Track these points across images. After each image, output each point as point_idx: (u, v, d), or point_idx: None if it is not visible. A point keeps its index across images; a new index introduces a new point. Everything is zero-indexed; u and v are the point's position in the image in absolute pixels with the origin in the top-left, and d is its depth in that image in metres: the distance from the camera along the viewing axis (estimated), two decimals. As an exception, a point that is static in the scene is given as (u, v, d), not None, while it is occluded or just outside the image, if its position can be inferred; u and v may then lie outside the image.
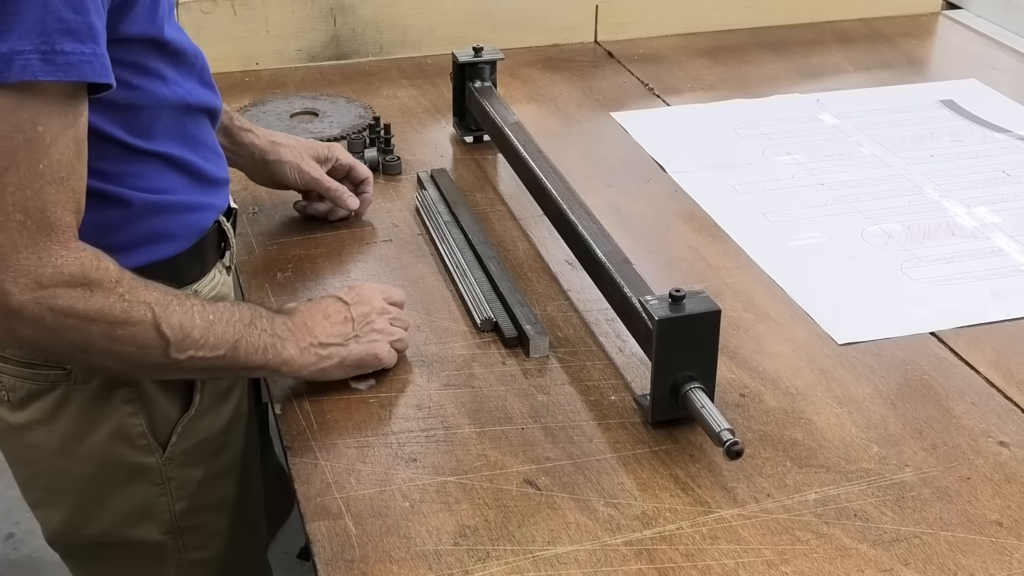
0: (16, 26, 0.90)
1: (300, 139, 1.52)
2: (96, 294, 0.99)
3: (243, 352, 1.09)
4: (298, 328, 1.14)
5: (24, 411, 1.16)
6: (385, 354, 1.19)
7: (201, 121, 1.17)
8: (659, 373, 1.12)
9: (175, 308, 1.04)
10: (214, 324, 1.06)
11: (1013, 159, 1.73)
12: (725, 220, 1.55)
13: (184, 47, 1.12)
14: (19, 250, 0.95)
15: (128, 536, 1.22)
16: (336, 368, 1.17)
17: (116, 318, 1.00)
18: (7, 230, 0.94)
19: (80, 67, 0.93)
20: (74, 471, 1.18)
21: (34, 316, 0.97)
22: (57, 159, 0.95)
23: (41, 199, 0.95)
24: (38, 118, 0.93)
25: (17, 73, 0.90)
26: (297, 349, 1.13)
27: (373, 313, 1.20)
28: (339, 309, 1.18)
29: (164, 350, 1.03)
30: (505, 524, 1.03)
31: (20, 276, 0.95)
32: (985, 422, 1.17)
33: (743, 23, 2.26)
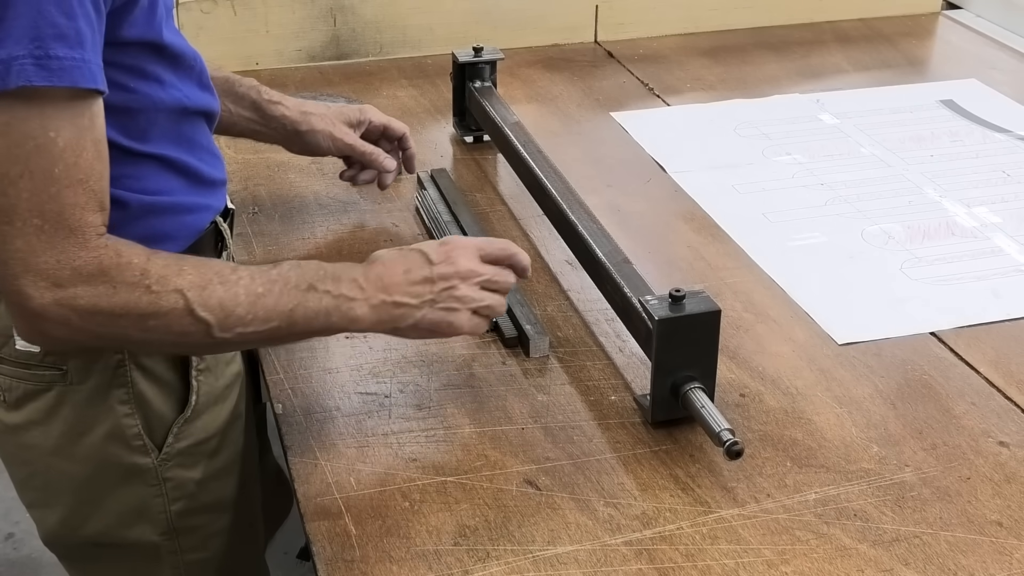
0: (12, 32, 0.91)
1: (331, 105, 1.52)
2: (120, 290, 0.98)
3: (301, 318, 1.05)
4: (371, 283, 1.09)
5: (20, 411, 1.16)
6: (463, 322, 1.11)
7: (198, 124, 1.17)
8: (659, 373, 1.12)
9: (214, 288, 1.02)
10: (263, 297, 1.03)
11: (1013, 159, 1.73)
12: (725, 220, 1.55)
13: (182, 50, 1.12)
14: (37, 254, 0.95)
15: (124, 537, 1.22)
16: (410, 329, 1.11)
17: (144, 310, 0.99)
18: (24, 235, 0.94)
19: (72, 72, 0.93)
20: (70, 471, 1.18)
21: (59, 318, 0.97)
22: (74, 162, 0.95)
23: (58, 203, 0.95)
24: (48, 123, 0.93)
25: (14, 79, 0.91)
26: (367, 307, 1.08)
27: (456, 277, 1.11)
28: (420, 264, 1.11)
29: (206, 332, 1.02)
30: (505, 524, 1.03)
31: (39, 279, 0.96)
32: (985, 422, 1.17)
33: (743, 23, 2.26)
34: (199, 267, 1.03)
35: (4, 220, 0.94)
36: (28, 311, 0.97)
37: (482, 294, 1.13)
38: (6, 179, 0.93)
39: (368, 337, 1.28)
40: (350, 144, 1.50)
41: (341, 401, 1.19)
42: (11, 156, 0.93)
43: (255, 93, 1.43)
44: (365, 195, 1.62)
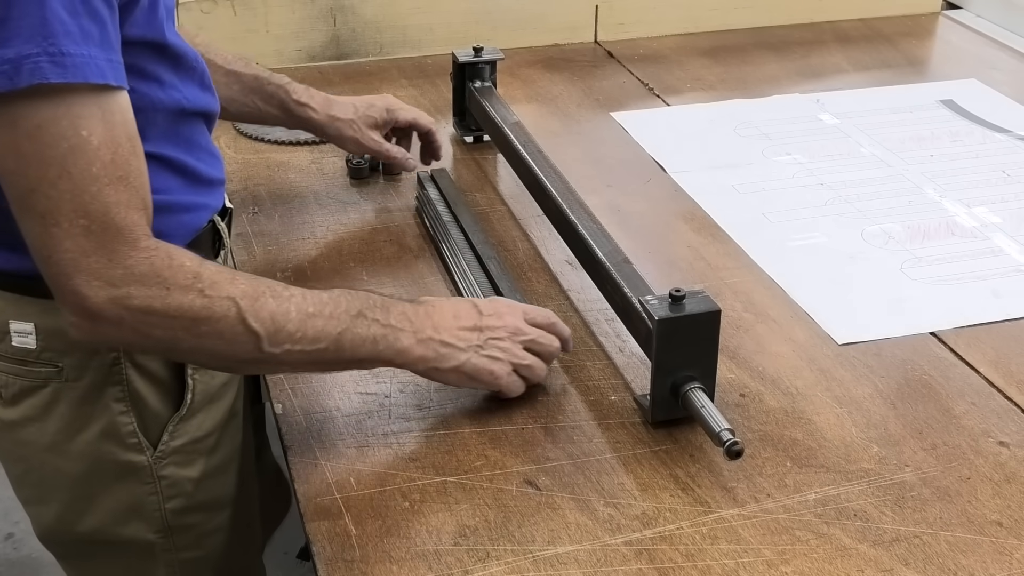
0: (20, 31, 0.91)
1: (359, 106, 1.55)
2: (173, 292, 0.99)
3: (348, 344, 1.07)
4: (419, 318, 1.11)
5: (16, 408, 1.17)
6: (503, 375, 1.14)
7: (196, 124, 1.17)
8: (659, 373, 1.12)
9: (266, 300, 1.03)
10: (313, 317, 1.05)
11: (1013, 159, 1.73)
12: (725, 220, 1.55)
13: (184, 51, 1.12)
14: (88, 254, 0.96)
15: (119, 535, 1.22)
16: (451, 372, 1.13)
17: (197, 315, 1.00)
18: (72, 236, 0.95)
19: (84, 69, 0.93)
20: (65, 468, 1.19)
21: (114, 317, 0.98)
22: (111, 160, 0.96)
23: (102, 201, 0.95)
24: (79, 123, 0.94)
25: (27, 77, 0.91)
26: (414, 339, 1.10)
27: (503, 330, 1.14)
28: (471, 314, 1.14)
29: (255, 344, 1.02)
30: (505, 524, 1.03)
31: (93, 279, 0.97)
32: (985, 422, 1.17)
33: (743, 23, 2.26)
34: (251, 279, 1.05)
35: (51, 222, 0.95)
36: (85, 310, 0.98)
37: (525, 353, 1.16)
38: (46, 182, 0.94)
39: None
40: (376, 150, 1.57)
41: (341, 401, 1.19)
42: (47, 158, 0.94)
43: (283, 94, 1.48)
44: (365, 195, 1.62)
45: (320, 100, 1.53)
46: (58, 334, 1.13)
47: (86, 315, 0.98)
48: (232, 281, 1.03)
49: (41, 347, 1.13)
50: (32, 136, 0.93)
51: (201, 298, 1.00)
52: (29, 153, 0.93)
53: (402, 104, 1.60)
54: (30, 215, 0.96)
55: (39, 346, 1.13)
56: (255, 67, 1.50)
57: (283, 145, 1.76)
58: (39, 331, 1.13)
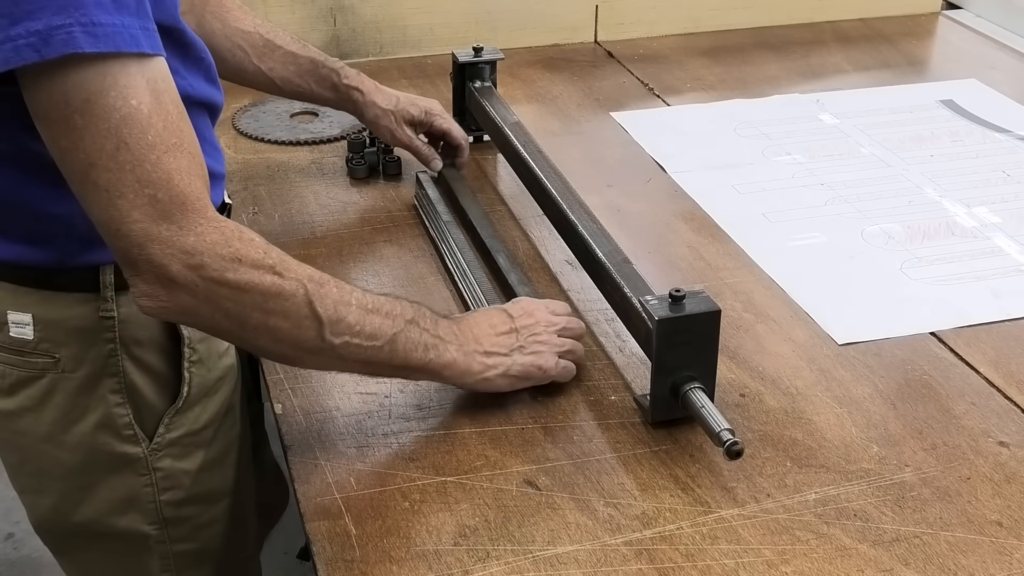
0: (48, 3, 0.90)
1: (402, 100, 1.61)
2: (245, 264, 0.99)
3: (402, 347, 1.08)
4: (462, 333, 1.14)
5: (13, 398, 1.17)
6: (551, 366, 1.17)
7: (201, 115, 1.17)
8: (659, 373, 1.12)
9: (330, 289, 1.04)
10: (371, 313, 1.06)
11: (1013, 159, 1.74)
12: (725, 220, 1.55)
13: (193, 41, 1.12)
14: (158, 223, 0.96)
15: (113, 526, 1.22)
16: (500, 378, 1.15)
17: (268, 290, 1.00)
18: (140, 206, 0.95)
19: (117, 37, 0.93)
20: (61, 459, 1.19)
21: (190, 284, 0.97)
22: (163, 127, 0.95)
23: (163, 169, 0.95)
24: (127, 92, 0.93)
25: (59, 47, 0.90)
26: (461, 353, 1.12)
27: (538, 325, 1.18)
28: (504, 320, 1.17)
29: (318, 331, 1.03)
30: (505, 524, 1.03)
31: (166, 247, 0.96)
32: (985, 422, 1.17)
33: (743, 23, 2.26)
34: (313, 268, 1.05)
35: (116, 194, 0.95)
36: (163, 278, 0.97)
37: (563, 340, 1.19)
38: (104, 154, 0.93)
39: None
40: (406, 143, 1.61)
41: (341, 401, 1.19)
42: (102, 131, 0.93)
43: (335, 77, 1.56)
44: (365, 195, 1.62)
45: (369, 85, 1.59)
46: (55, 325, 1.13)
47: (163, 283, 0.97)
48: (300, 264, 1.03)
49: (38, 338, 1.14)
50: (83, 110, 0.93)
51: (272, 275, 1.00)
52: (82, 127, 0.93)
53: (444, 113, 1.63)
54: (94, 190, 0.95)
55: (36, 337, 1.13)
56: (311, 49, 1.56)
57: (283, 145, 1.76)
58: (36, 322, 1.13)
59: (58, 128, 0.94)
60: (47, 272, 1.12)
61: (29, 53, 0.91)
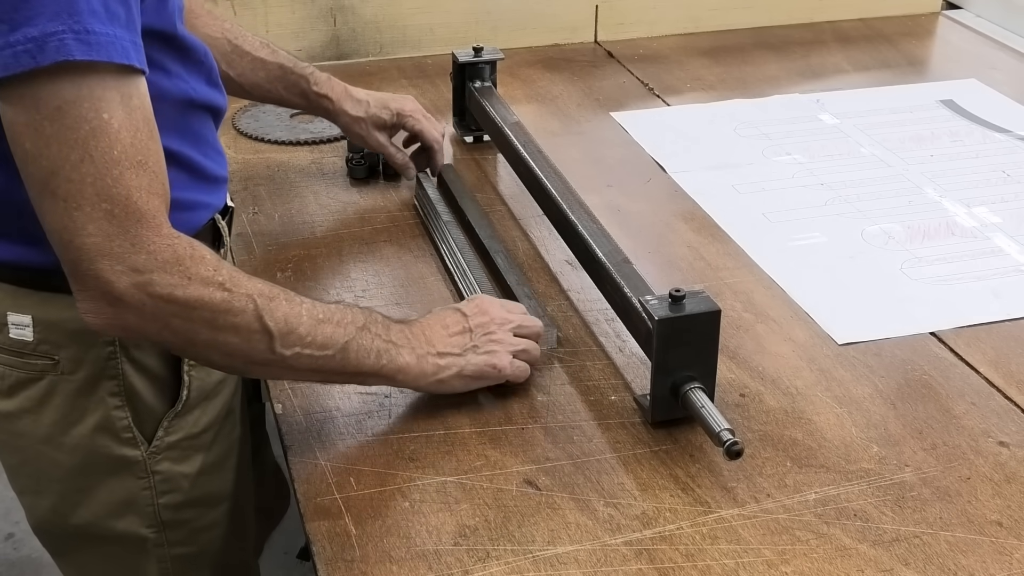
0: (45, 8, 0.90)
1: (373, 104, 1.59)
2: (194, 282, 0.99)
3: (354, 354, 1.08)
4: (415, 336, 1.14)
5: (12, 399, 1.17)
6: (506, 365, 1.16)
7: (204, 119, 1.17)
8: (659, 373, 1.12)
9: (280, 302, 1.04)
10: (322, 323, 1.06)
11: (1013, 159, 1.73)
12: (725, 220, 1.55)
13: (193, 44, 1.12)
14: (111, 238, 0.95)
15: (112, 528, 1.22)
16: (455, 379, 1.15)
17: (217, 307, 1.00)
18: (95, 220, 0.95)
19: (109, 48, 0.93)
20: (60, 461, 1.19)
21: (136, 303, 0.97)
22: (130, 143, 0.95)
23: (123, 185, 0.95)
24: (100, 105, 0.93)
25: (52, 54, 0.90)
26: (414, 356, 1.12)
27: (492, 324, 1.17)
28: (457, 320, 1.17)
29: (268, 344, 1.03)
30: (505, 524, 1.03)
31: (116, 263, 0.96)
32: (985, 422, 1.17)
33: (743, 23, 2.26)
34: (264, 281, 1.06)
35: (73, 206, 0.95)
36: (107, 296, 0.97)
37: (517, 339, 1.19)
38: (68, 164, 0.93)
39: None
40: (378, 150, 1.61)
41: (341, 401, 1.19)
42: (69, 141, 0.93)
43: (305, 84, 1.54)
44: (365, 195, 1.62)
45: (338, 92, 1.57)
46: (55, 327, 1.13)
47: (108, 300, 0.98)
48: (250, 279, 1.04)
49: (38, 339, 1.14)
50: (54, 117, 0.92)
51: (222, 291, 1.00)
52: (50, 135, 0.93)
53: (417, 112, 1.61)
54: (51, 198, 0.95)
55: (36, 338, 1.13)
56: (281, 55, 1.54)
57: (283, 145, 1.76)
58: (36, 323, 1.13)
59: (25, 131, 0.94)
60: (47, 274, 1.11)
61: (26, 59, 0.91)
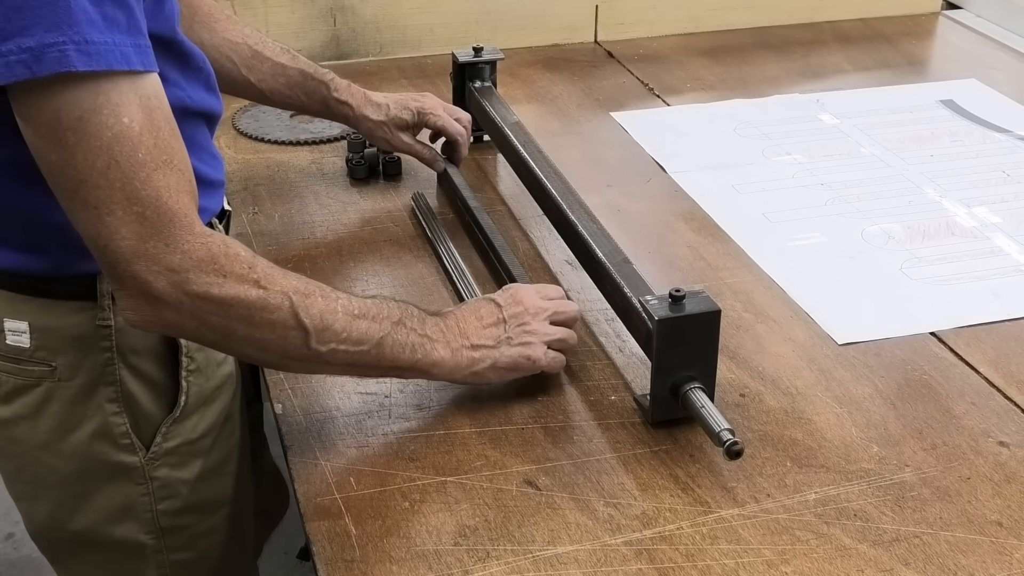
0: (41, 19, 0.90)
1: (393, 107, 1.58)
2: (230, 279, 1.00)
3: (389, 350, 1.09)
4: (450, 329, 1.14)
5: (9, 405, 1.17)
6: (540, 356, 1.16)
7: (199, 125, 1.17)
8: (659, 373, 1.12)
9: (316, 299, 1.05)
10: (358, 319, 1.07)
11: (1013, 159, 1.73)
12: (725, 220, 1.55)
13: (192, 50, 1.12)
14: (145, 240, 0.97)
15: (110, 534, 1.22)
16: (490, 371, 1.15)
17: (253, 304, 1.01)
18: (128, 223, 0.96)
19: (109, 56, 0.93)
20: (57, 467, 1.19)
21: (174, 301, 0.99)
22: (154, 144, 0.96)
23: (152, 187, 0.96)
24: (119, 110, 0.94)
25: (51, 65, 0.91)
26: (448, 351, 1.12)
27: (527, 314, 1.17)
28: (492, 311, 1.17)
29: (304, 340, 1.04)
30: (505, 524, 1.03)
31: (152, 264, 0.97)
32: (985, 422, 1.17)
33: (743, 23, 2.26)
34: (300, 277, 1.07)
35: (105, 211, 0.95)
36: (147, 295, 0.98)
37: (552, 328, 1.18)
38: (95, 171, 0.94)
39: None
40: (405, 151, 1.61)
41: (341, 401, 1.19)
42: (93, 149, 0.94)
43: (325, 90, 1.54)
44: (365, 195, 1.62)
45: (359, 98, 1.56)
46: (52, 333, 1.13)
47: (147, 300, 0.99)
48: (285, 276, 1.05)
49: (35, 346, 1.13)
50: (75, 128, 0.93)
51: (257, 289, 1.01)
52: (74, 145, 0.93)
53: (438, 108, 1.60)
54: (83, 206, 0.96)
55: (33, 345, 1.13)
56: (301, 60, 1.54)
57: (283, 145, 1.76)
58: (33, 330, 1.13)
59: (49, 144, 0.94)
60: (44, 280, 1.12)
61: (20, 70, 0.91)
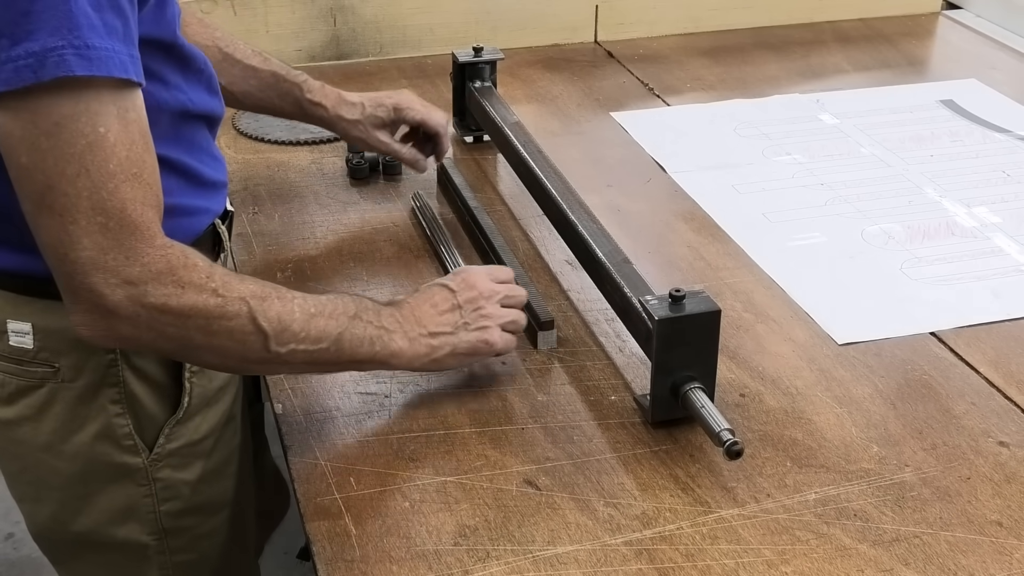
0: (45, 23, 0.90)
1: (368, 105, 1.55)
2: (188, 290, 1.00)
3: (348, 344, 1.09)
4: (406, 319, 1.14)
5: (12, 407, 1.17)
6: (497, 339, 1.17)
7: (199, 127, 1.17)
8: (659, 373, 1.12)
9: (272, 301, 1.05)
10: (315, 317, 1.07)
11: (1013, 159, 1.73)
12: (725, 220, 1.55)
13: (193, 53, 1.12)
14: (106, 252, 0.96)
15: (113, 536, 1.22)
16: (449, 358, 1.16)
17: (211, 313, 1.01)
18: (90, 233, 0.95)
19: (108, 63, 0.93)
20: (60, 468, 1.18)
21: (130, 314, 0.98)
22: (126, 156, 0.96)
23: (119, 198, 0.96)
24: (97, 119, 0.94)
25: (52, 70, 0.91)
26: (406, 340, 1.13)
27: (481, 299, 1.18)
28: (446, 297, 1.17)
29: (263, 343, 1.04)
30: (505, 524, 1.03)
31: (110, 276, 0.97)
32: (985, 422, 1.17)
33: (743, 23, 2.26)
34: (256, 280, 1.07)
35: (69, 220, 0.95)
36: (101, 308, 0.98)
37: (505, 311, 1.20)
38: (64, 178, 0.94)
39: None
40: (383, 150, 1.58)
41: (341, 401, 1.19)
42: (66, 155, 0.93)
43: (298, 92, 1.51)
44: (365, 195, 1.62)
45: (333, 99, 1.54)
46: (55, 334, 1.12)
47: (102, 313, 0.98)
48: (242, 281, 1.05)
49: (38, 347, 1.13)
50: (51, 133, 0.93)
51: (215, 297, 1.01)
52: (47, 149, 0.93)
53: (414, 103, 1.57)
54: (47, 212, 0.95)
55: (36, 346, 1.13)
56: (273, 63, 1.52)
57: (283, 145, 1.76)
58: (36, 331, 1.13)
59: (21, 146, 0.94)
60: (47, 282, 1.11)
61: (27, 74, 0.91)
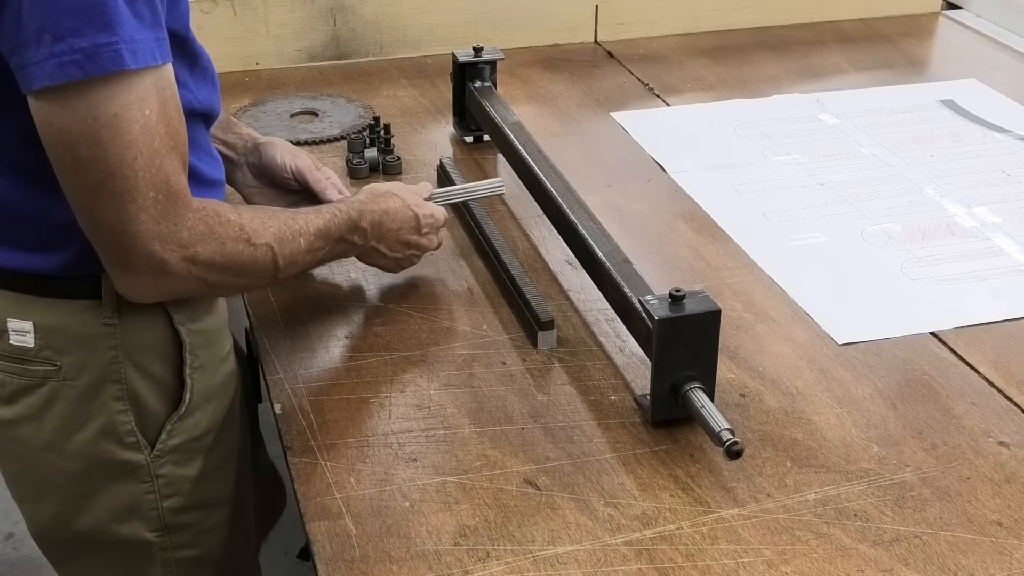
0: (92, 20, 0.94)
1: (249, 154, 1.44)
2: (227, 244, 1.09)
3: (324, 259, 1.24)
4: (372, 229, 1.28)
5: (13, 406, 1.17)
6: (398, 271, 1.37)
7: (197, 125, 1.17)
8: (659, 373, 1.12)
9: (288, 243, 1.16)
10: (314, 251, 1.20)
11: (1013, 159, 1.73)
12: (725, 220, 1.55)
13: (200, 50, 1.14)
14: (159, 221, 1.03)
15: (115, 533, 1.22)
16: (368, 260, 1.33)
17: (245, 262, 1.11)
18: (146, 208, 1.02)
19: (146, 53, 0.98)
20: (62, 467, 1.19)
21: (183, 272, 1.06)
22: (165, 132, 1.02)
23: (164, 172, 1.02)
24: (144, 103, 0.99)
25: (106, 65, 0.95)
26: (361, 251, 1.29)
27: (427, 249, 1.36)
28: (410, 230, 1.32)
29: (274, 275, 1.16)
30: (505, 524, 1.03)
31: (167, 243, 1.04)
32: (985, 422, 1.17)
33: (743, 23, 2.26)
34: (274, 219, 1.15)
35: (128, 199, 1.01)
36: (158, 271, 1.05)
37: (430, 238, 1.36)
38: (124, 163, 0.99)
39: (368, 337, 1.29)
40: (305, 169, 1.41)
41: (341, 401, 1.19)
42: (125, 143, 0.99)
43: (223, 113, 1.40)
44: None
45: None
46: (57, 332, 1.13)
47: (158, 275, 1.06)
48: (264, 225, 1.13)
49: (39, 345, 1.13)
50: (111, 124, 0.98)
51: (249, 247, 1.11)
52: (108, 140, 0.98)
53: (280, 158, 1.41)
54: (106, 197, 1.00)
55: (37, 344, 1.13)
56: None
57: (283, 145, 1.76)
58: (37, 329, 1.13)
59: (81, 140, 0.98)
60: (49, 280, 1.12)
61: (73, 70, 0.95)
